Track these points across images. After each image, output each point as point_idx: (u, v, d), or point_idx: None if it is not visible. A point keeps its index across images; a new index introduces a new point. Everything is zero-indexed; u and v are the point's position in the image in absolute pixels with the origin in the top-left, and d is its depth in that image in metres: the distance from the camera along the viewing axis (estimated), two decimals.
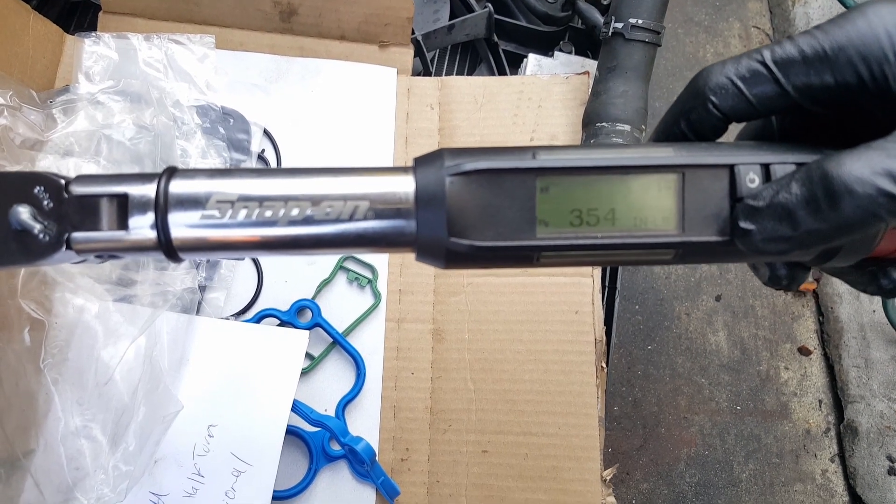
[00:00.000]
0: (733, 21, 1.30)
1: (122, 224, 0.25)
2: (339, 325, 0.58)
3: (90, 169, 0.54)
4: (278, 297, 0.59)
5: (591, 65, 0.68)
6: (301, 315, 0.58)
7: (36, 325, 0.48)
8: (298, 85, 0.64)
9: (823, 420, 1.08)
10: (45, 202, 0.25)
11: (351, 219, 0.25)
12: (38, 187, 0.25)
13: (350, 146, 0.63)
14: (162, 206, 0.24)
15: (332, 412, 0.56)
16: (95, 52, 0.59)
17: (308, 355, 0.57)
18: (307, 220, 0.25)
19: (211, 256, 0.26)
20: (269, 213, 0.24)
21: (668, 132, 0.27)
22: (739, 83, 0.25)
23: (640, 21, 0.57)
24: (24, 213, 0.24)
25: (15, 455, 0.50)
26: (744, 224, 0.24)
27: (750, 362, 1.08)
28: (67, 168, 0.54)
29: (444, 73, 0.75)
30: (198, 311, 0.56)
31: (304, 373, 0.57)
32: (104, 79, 0.59)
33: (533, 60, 0.68)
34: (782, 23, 1.31)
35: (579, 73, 0.65)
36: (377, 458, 0.55)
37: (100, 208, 0.25)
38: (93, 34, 0.60)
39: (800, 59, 0.24)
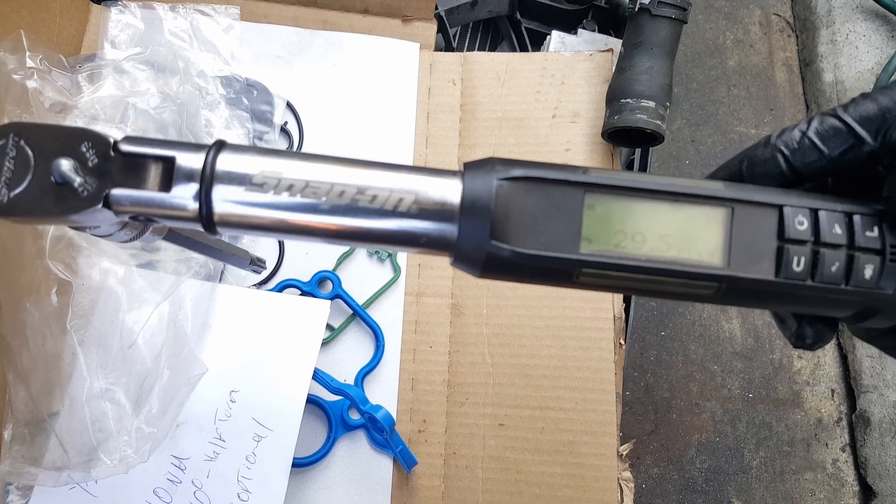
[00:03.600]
0: (754, 8, 1.29)
1: (165, 188, 0.24)
2: (359, 298, 0.58)
3: (115, 135, 0.54)
4: (299, 268, 0.59)
5: (615, 43, 0.67)
6: (322, 286, 0.58)
7: (63, 287, 0.49)
8: (321, 58, 0.64)
9: (836, 410, 1.08)
10: (91, 159, 0.24)
11: (394, 212, 0.24)
12: (85, 143, 0.24)
13: (372, 120, 0.63)
14: (208, 178, 0.24)
15: (351, 383, 0.57)
16: (121, 21, 0.60)
17: (328, 326, 0.57)
18: (349, 209, 0.24)
19: (249, 234, 0.26)
20: (313, 197, 0.24)
21: (731, 180, 0.27)
22: (813, 136, 0.25)
23: None
24: (66, 165, 0.24)
25: (40, 416, 0.50)
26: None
27: (763, 350, 1.08)
28: None
29: (465, 49, 0.75)
30: (220, 280, 0.56)
31: (324, 343, 0.57)
32: (130, 47, 0.59)
33: (556, 37, 0.68)
34: (803, 10, 1.29)
35: (603, 51, 0.64)
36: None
37: (145, 169, 0.25)
38: (119, 3, 0.60)
39: (879, 112, 0.24)
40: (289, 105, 0.63)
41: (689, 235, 0.24)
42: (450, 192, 0.24)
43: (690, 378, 1.06)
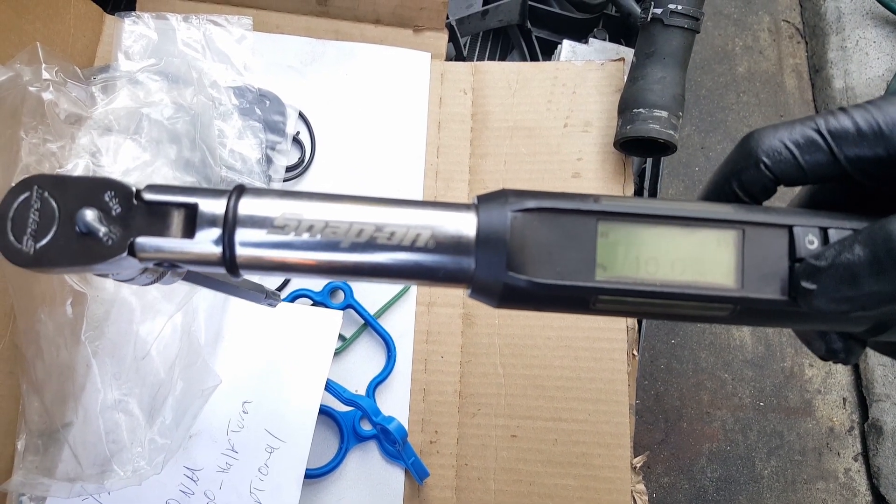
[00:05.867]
0: (763, 14, 1.28)
1: (189, 234, 0.25)
2: (371, 308, 0.58)
3: (129, 146, 0.55)
4: None
5: (626, 52, 0.67)
6: (334, 296, 0.58)
7: (78, 298, 0.49)
8: (333, 68, 0.65)
9: (847, 418, 1.07)
10: (114, 208, 0.25)
11: (412, 248, 0.25)
12: (108, 192, 0.25)
13: (383, 130, 0.64)
14: (230, 223, 0.25)
15: (362, 393, 0.56)
16: (135, 32, 0.60)
17: (340, 336, 0.57)
18: (368, 246, 0.25)
19: (272, 275, 0.27)
20: (333, 237, 0.25)
21: (720, 191, 0.28)
22: (793, 148, 0.25)
23: (679, 7, 0.56)
24: (90, 215, 0.24)
25: (54, 426, 0.50)
26: (806, 284, 0.24)
27: (774, 358, 1.07)
28: (107, 145, 0.54)
29: (476, 58, 0.75)
30: None
31: (336, 353, 0.57)
32: (143, 58, 0.59)
33: (567, 47, 0.68)
34: (812, 17, 1.29)
35: (614, 60, 0.64)
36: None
37: (167, 217, 0.25)
38: (132, 14, 0.61)
39: (854, 132, 0.24)
40: (301, 115, 0.63)
41: (702, 259, 0.25)
42: (465, 225, 0.25)
43: (701, 386, 1.05)
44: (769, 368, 1.07)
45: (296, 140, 0.62)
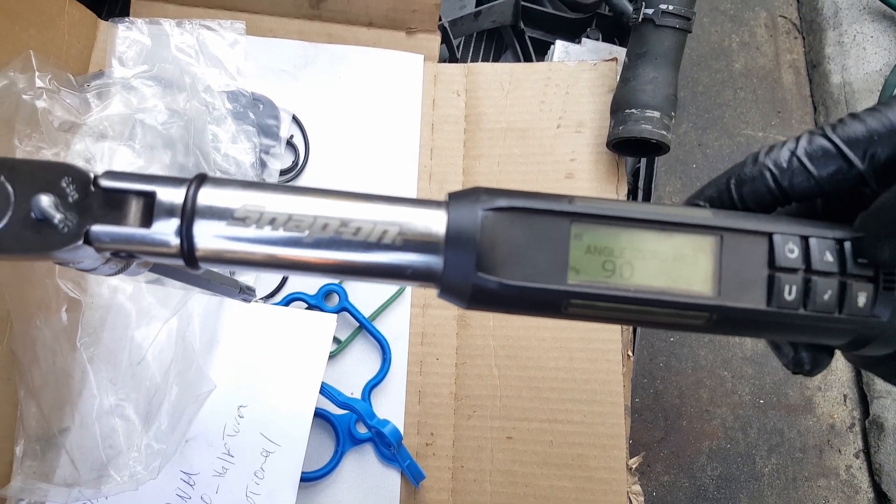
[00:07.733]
0: (759, 10, 1.28)
1: (146, 224, 0.24)
2: (366, 310, 0.58)
3: (124, 152, 0.55)
4: (306, 281, 0.59)
5: (619, 52, 0.67)
6: (328, 299, 0.59)
7: (73, 305, 0.49)
8: (327, 71, 0.65)
9: (848, 415, 1.06)
10: (71, 194, 0.24)
11: (378, 245, 0.24)
12: (65, 178, 0.24)
13: (377, 132, 0.64)
14: (189, 213, 0.24)
15: (357, 396, 0.57)
16: (129, 38, 0.60)
17: (335, 339, 0.57)
18: (333, 242, 0.24)
19: (232, 268, 0.26)
20: (296, 231, 0.24)
21: (721, 193, 0.27)
22: (803, 157, 0.25)
23: (670, 7, 0.56)
24: (46, 200, 0.23)
25: (51, 432, 0.51)
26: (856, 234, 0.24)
27: (773, 355, 1.07)
28: (102, 151, 0.54)
29: (469, 59, 0.75)
30: None
31: (331, 356, 0.57)
32: (137, 64, 0.60)
33: (560, 47, 0.68)
34: (809, 12, 1.28)
35: (607, 60, 0.64)
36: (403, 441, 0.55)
37: (125, 205, 0.24)
38: (126, 20, 0.61)
39: (866, 133, 0.24)
40: (294, 118, 0.63)
41: (679, 265, 0.24)
42: (434, 223, 0.24)
43: (700, 384, 1.05)
44: (769, 366, 1.07)
45: (290, 143, 0.62)
